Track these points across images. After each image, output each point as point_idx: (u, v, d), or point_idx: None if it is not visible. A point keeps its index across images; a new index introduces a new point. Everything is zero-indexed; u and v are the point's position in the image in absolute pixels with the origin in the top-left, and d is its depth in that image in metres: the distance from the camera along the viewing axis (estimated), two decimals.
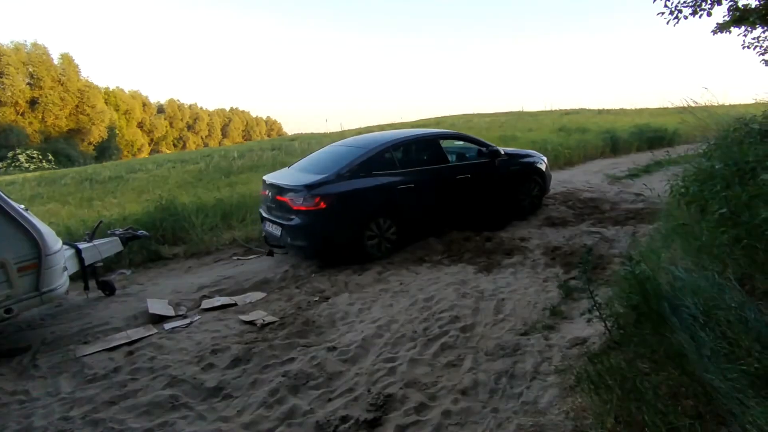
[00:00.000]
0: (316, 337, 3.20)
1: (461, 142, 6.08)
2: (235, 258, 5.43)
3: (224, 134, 74.91)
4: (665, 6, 5.36)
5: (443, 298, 3.63)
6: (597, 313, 2.48)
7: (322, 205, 4.47)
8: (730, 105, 10.87)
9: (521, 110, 27.92)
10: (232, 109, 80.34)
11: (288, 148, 15.48)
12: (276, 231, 4.86)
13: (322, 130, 29.32)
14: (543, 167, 6.35)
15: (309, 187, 4.55)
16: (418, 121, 28.71)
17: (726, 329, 2.16)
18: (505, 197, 5.87)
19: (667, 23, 5.46)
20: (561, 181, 8.61)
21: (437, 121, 24.39)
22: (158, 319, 3.69)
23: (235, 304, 3.91)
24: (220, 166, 12.64)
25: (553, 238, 5.00)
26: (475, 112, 30.21)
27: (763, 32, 5.83)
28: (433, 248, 4.98)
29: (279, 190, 4.87)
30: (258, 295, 4.08)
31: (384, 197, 4.85)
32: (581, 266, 2.72)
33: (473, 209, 5.59)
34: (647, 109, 24.46)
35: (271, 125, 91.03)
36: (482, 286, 3.82)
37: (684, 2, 5.25)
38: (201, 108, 71.71)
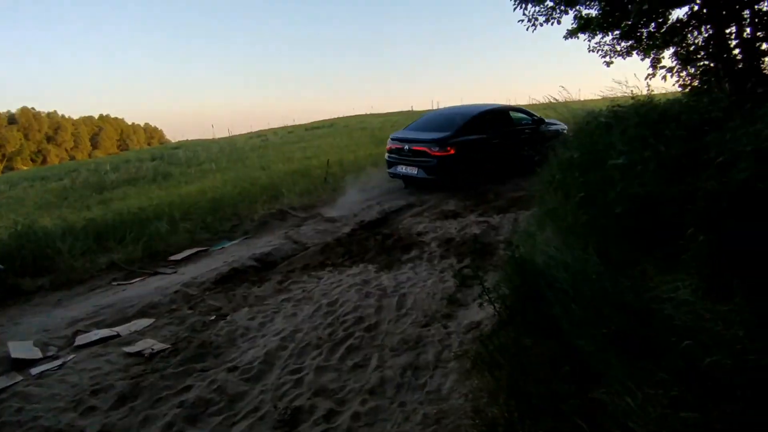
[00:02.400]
0: (214, 360, 2.99)
1: (520, 114, 8.27)
2: (115, 283, 4.85)
3: (95, 145, 66.71)
4: (524, 14, 6.00)
5: (347, 300, 3.64)
6: (486, 297, 2.67)
7: (452, 151, 6.67)
8: (584, 100, 12.51)
9: (411, 110, 29.15)
10: (102, 116, 71.80)
11: (171, 156, 14.34)
12: (412, 171, 7.04)
13: (208, 136, 27.61)
14: (566, 131, 8.07)
15: (441, 140, 6.75)
16: (312, 123, 28.49)
17: (591, 298, 2.47)
18: (543, 150, 7.41)
19: (527, 29, 6.14)
20: None
21: (331, 123, 24.45)
22: (23, 365, 3.15)
23: (117, 336, 3.49)
24: (90, 182, 11.27)
25: (447, 230, 5.29)
26: (368, 112, 30.87)
27: (603, 38, 6.77)
28: (334, 251, 4.97)
29: (415, 142, 6.97)
30: (145, 322, 3.69)
31: (483, 147, 7.08)
32: (471, 255, 2.92)
33: (528, 157, 7.04)
34: (519, 105, 27.12)
35: (151, 133, 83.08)
36: (384, 284, 3.91)
37: (539, 11, 5.92)
38: (63, 116, 63.04)
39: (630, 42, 6.78)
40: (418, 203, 6.89)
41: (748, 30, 5.63)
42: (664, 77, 6.19)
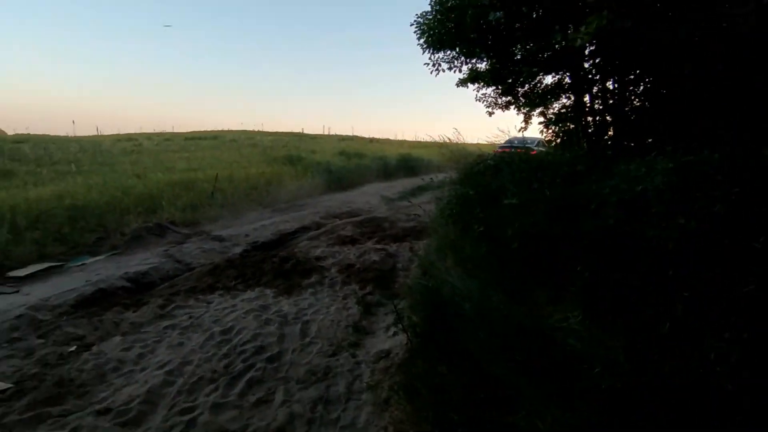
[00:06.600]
0: (77, 401, 2.46)
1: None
2: None
3: None
4: (429, 59, 6.43)
5: (244, 327, 3.34)
6: (400, 325, 2.67)
7: (534, 152, 7.33)
8: (475, 143, 13.79)
9: (302, 132, 28.91)
10: None
11: (12, 152, 11.92)
12: None
13: (64, 133, 23.68)
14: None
15: (529, 147, 7.98)
16: (192, 132, 26.45)
17: (495, 326, 2.63)
18: None
19: (431, 73, 6.58)
20: (345, 201, 9.21)
21: (215, 135, 22.98)
22: None
23: None
24: None
25: (346, 256, 5.24)
26: (257, 129, 29.80)
27: (489, 90, 7.58)
28: (225, 273, 4.57)
29: (516, 148, 8.23)
30: None
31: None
32: (375, 282, 2.91)
33: None
34: (406, 141, 28.76)
35: None
36: (285, 310, 3.68)
37: (443, 58, 6.41)
38: None
39: (509, 98, 7.69)
40: (314, 227, 6.76)
41: (597, 102, 6.80)
42: (542, 132, 7.13)
